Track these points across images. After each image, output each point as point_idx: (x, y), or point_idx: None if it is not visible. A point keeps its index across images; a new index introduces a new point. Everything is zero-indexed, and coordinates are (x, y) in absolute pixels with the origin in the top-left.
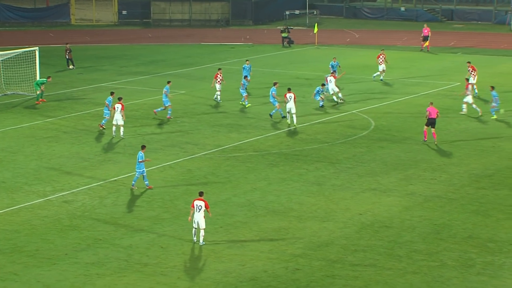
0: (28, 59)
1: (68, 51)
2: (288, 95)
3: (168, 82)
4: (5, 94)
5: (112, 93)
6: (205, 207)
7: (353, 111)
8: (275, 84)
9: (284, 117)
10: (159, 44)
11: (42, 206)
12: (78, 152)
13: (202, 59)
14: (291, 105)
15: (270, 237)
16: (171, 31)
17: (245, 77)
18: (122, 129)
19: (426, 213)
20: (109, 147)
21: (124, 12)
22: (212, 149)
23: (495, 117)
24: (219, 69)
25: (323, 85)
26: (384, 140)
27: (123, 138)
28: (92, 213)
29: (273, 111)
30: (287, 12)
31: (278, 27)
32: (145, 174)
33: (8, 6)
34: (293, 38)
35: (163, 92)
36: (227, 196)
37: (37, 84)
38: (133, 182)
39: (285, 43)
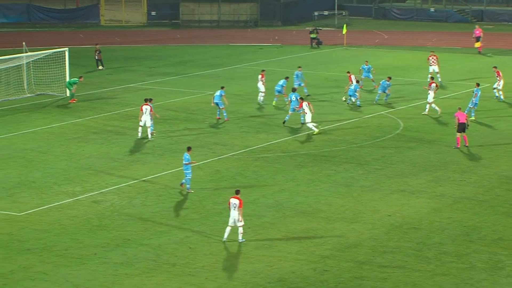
0: (58, 59)
1: (97, 52)
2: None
3: (222, 87)
4: (35, 95)
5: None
6: (239, 206)
7: (382, 112)
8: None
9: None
10: (187, 45)
11: (71, 206)
12: (107, 153)
13: (230, 60)
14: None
15: (298, 238)
16: (200, 32)
17: (286, 78)
18: (149, 130)
19: (456, 214)
20: (138, 147)
21: (153, 13)
22: (240, 150)
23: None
24: (263, 70)
25: (357, 81)
26: (413, 141)
27: (150, 140)
28: (121, 213)
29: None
30: (316, 13)
31: (307, 28)
32: (189, 177)
33: (38, 7)
34: (322, 39)
35: (219, 95)
36: (255, 197)
37: (69, 83)
38: (187, 186)
39: (313, 44)
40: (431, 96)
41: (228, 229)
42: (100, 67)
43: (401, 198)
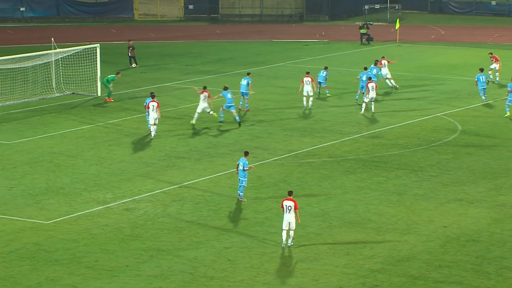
0: (88, 56)
1: (131, 49)
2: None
3: (248, 74)
4: (64, 94)
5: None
6: (294, 208)
7: (438, 114)
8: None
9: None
10: (227, 41)
11: (102, 214)
12: (140, 157)
13: (273, 57)
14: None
15: (346, 251)
16: (241, 27)
17: (326, 68)
18: (155, 128)
19: None
20: (174, 151)
21: (190, 7)
22: (283, 155)
23: (508, 114)
24: (307, 72)
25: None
26: (471, 146)
27: (152, 138)
28: (155, 222)
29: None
30: (367, 7)
31: (357, 23)
32: (243, 185)
33: (68, 0)
34: (373, 34)
35: (246, 84)
36: (300, 205)
37: (107, 81)
38: (241, 194)
39: (364, 40)
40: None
41: (284, 233)
42: (134, 65)
43: (459, 208)
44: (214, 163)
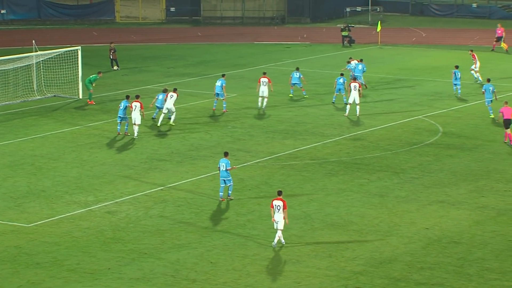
0: (70, 59)
1: (112, 51)
2: (169, 94)
3: (223, 75)
4: (46, 97)
5: (127, 97)
6: (283, 207)
7: (419, 116)
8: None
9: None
10: (209, 43)
11: (83, 217)
12: (122, 159)
13: (255, 60)
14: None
15: (328, 253)
16: (222, 29)
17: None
18: (137, 128)
19: (500, 228)
20: (155, 154)
21: (172, 9)
22: (265, 157)
23: (492, 116)
24: (264, 73)
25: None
26: (453, 148)
27: (135, 138)
28: (137, 225)
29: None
30: (348, 9)
31: (338, 25)
32: (231, 184)
33: (49, 2)
34: (354, 37)
35: (220, 85)
36: None
37: (89, 81)
38: (229, 192)
39: (345, 42)
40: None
41: (279, 233)
42: (115, 67)
43: (440, 210)
44: (196, 166)
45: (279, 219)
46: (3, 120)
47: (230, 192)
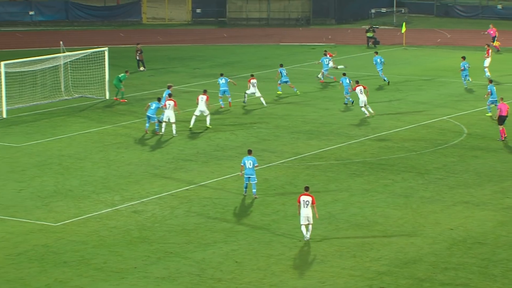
0: (97, 60)
1: (139, 52)
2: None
3: (221, 74)
4: (73, 97)
5: (159, 99)
6: (311, 202)
7: (444, 117)
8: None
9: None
10: (234, 44)
11: (110, 216)
12: (148, 159)
13: (280, 61)
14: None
15: (352, 253)
16: (248, 30)
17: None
18: (174, 126)
19: None
20: (181, 154)
21: (198, 11)
22: (290, 157)
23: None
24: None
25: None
26: (478, 149)
27: (175, 136)
28: (162, 224)
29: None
30: (373, 10)
31: (363, 27)
32: (255, 181)
33: (77, 4)
34: (379, 38)
35: (225, 82)
36: None
37: (119, 80)
38: (253, 191)
39: (370, 43)
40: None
41: (303, 228)
42: (142, 68)
43: (465, 211)
44: (222, 166)
45: (308, 214)
46: (31, 120)
47: (254, 190)
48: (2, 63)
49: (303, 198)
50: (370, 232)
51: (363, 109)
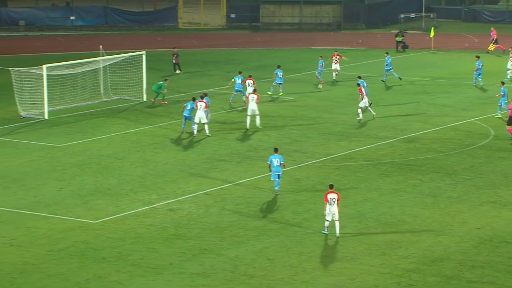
0: (134, 63)
1: (175, 56)
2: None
3: (240, 72)
4: (112, 99)
5: (193, 99)
6: (337, 200)
7: (471, 119)
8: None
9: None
10: (267, 48)
11: (147, 214)
12: (184, 159)
13: (312, 64)
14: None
15: (381, 251)
16: (281, 35)
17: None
18: (207, 127)
19: None
20: (215, 154)
21: (232, 16)
22: (321, 158)
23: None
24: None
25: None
26: (504, 150)
27: (209, 136)
28: (197, 222)
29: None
30: (402, 16)
31: (392, 31)
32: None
33: (116, 9)
34: (408, 42)
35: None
36: None
37: (159, 88)
38: (277, 188)
39: (399, 47)
40: (364, 101)
41: (327, 223)
42: (178, 71)
43: (492, 210)
44: (255, 166)
45: (334, 211)
46: (72, 121)
47: (277, 187)
48: (44, 66)
49: (330, 195)
50: (398, 230)
51: (369, 108)
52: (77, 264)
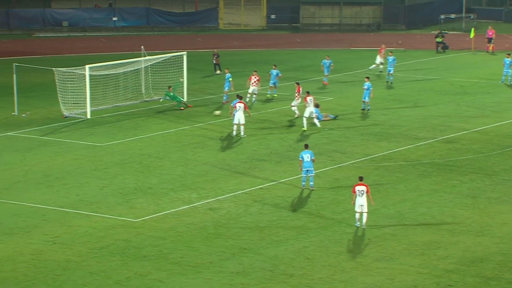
0: (176, 64)
1: (215, 56)
2: (308, 98)
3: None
4: (153, 99)
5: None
6: (366, 191)
7: (511, 120)
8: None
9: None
10: (307, 49)
11: (187, 213)
12: (224, 159)
13: (351, 65)
14: (310, 110)
15: (420, 251)
16: (320, 35)
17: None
18: (242, 128)
19: None
20: (255, 154)
21: (272, 17)
22: (360, 158)
23: None
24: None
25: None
26: None
27: (244, 137)
28: (237, 221)
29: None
30: (442, 16)
31: (432, 32)
32: (313, 174)
33: (157, 10)
34: (448, 43)
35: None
36: (376, 207)
37: (173, 97)
38: (311, 183)
39: (439, 48)
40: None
41: (357, 215)
42: (218, 72)
43: None
44: (294, 166)
45: (362, 202)
46: (114, 121)
47: (312, 183)
48: (87, 66)
49: (358, 188)
50: (437, 231)
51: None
52: (118, 262)
